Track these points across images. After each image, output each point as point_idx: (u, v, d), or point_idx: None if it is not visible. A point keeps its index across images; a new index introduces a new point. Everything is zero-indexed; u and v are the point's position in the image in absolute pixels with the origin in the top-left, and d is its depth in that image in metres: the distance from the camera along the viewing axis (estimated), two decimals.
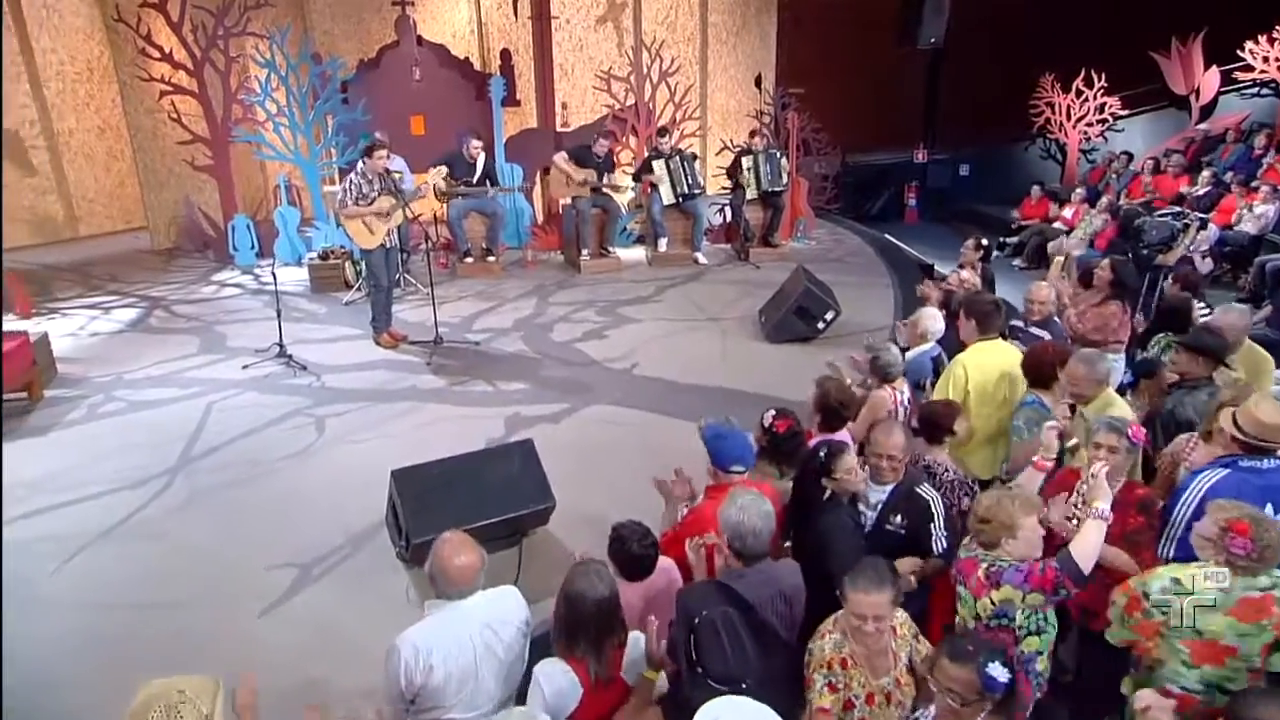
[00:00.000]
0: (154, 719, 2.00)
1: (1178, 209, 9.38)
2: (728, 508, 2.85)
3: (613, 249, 9.72)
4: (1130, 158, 12.35)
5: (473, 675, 2.64)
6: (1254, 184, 9.89)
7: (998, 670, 2.21)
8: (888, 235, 11.30)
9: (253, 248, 9.89)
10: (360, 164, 6.94)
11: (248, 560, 4.31)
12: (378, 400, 6.16)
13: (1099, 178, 12.50)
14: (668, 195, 9.51)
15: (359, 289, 8.43)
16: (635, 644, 2.70)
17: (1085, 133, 13.86)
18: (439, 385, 6.43)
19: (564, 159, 9.32)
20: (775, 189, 9.78)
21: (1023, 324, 5.05)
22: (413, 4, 10.89)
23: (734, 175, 9.84)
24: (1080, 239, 10.11)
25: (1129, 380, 4.71)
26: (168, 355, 7.07)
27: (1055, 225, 11.11)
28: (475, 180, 8.96)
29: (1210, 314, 4.93)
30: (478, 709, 2.68)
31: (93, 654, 3.68)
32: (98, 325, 7.96)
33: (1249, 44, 12.02)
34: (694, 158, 9.86)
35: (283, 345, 6.76)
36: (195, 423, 5.81)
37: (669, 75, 10.78)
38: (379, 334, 7.21)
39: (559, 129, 11.55)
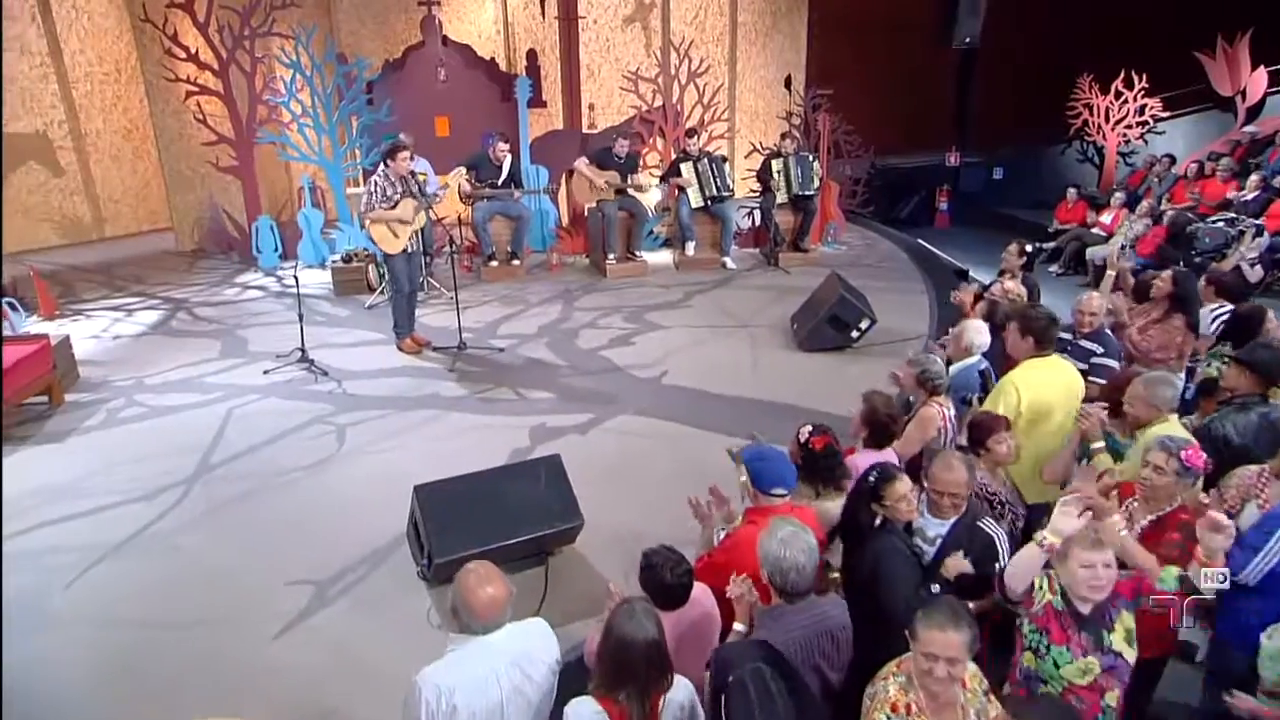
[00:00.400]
0: None
1: (1230, 215, 9.01)
2: (768, 541, 2.64)
3: (639, 253, 9.54)
4: (1173, 160, 11.93)
5: (499, 717, 2.46)
6: None
7: None
8: (920, 240, 11.01)
9: (276, 249, 9.83)
10: (383, 166, 6.81)
11: (264, 577, 4.17)
12: (400, 408, 6.01)
13: (1139, 181, 12.08)
14: (696, 198, 9.33)
15: (382, 292, 8.31)
16: (677, 688, 2.49)
17: (1124, 135, 13.51)
18: (461, 393, 6.27)
19: (585, 164, 9.17)
20: (806, 193, 9.55)
21: (1071, 336, 4.78)
22: (439, 4, 10.79)
23: (764, 178, 9.62)
24: (1121, 245, 9.77)
25: (1189, 397, 4.45)
26: (189, 359, 6.99)
27: (1093, 230, 10.76)
28: (500, 183, 8.82)
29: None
30: None
31: (102, 674, 3.55)
32: (121, 327, 7.90)
33: None
34: (723, 160, 9.68)
35: (304, 350, 6.66)
36: (214, 430, 5.70)
37: (697, 76, 10.59)
38: (401, 339, 7.08)
39: (586, 130, 11.40)
